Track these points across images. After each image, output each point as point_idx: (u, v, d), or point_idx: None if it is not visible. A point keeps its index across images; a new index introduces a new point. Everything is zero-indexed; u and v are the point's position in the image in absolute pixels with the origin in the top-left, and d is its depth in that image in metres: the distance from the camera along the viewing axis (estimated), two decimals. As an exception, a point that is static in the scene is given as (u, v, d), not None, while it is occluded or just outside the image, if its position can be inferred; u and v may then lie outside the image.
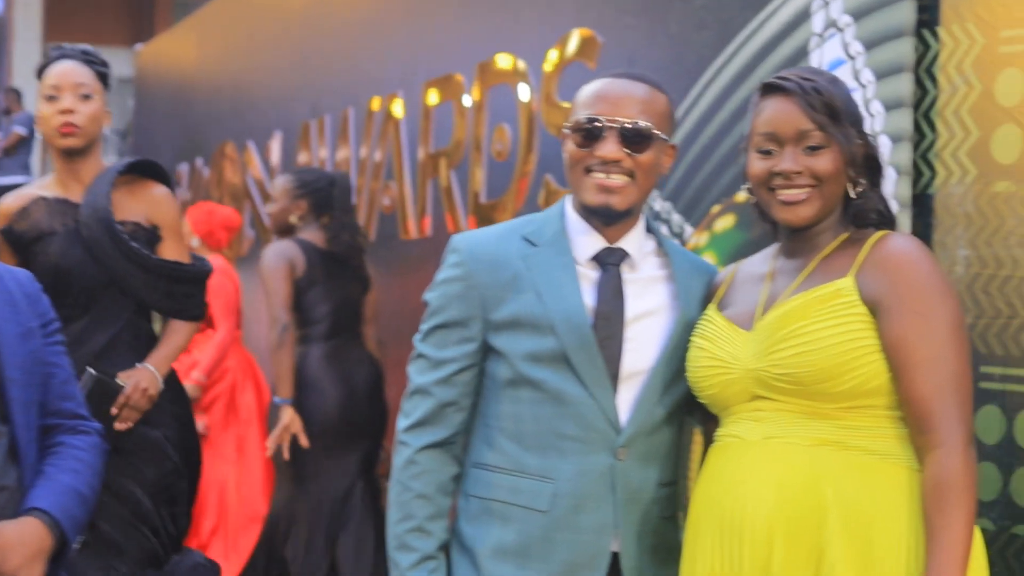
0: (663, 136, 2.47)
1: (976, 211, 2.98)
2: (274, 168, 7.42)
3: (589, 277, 2.48)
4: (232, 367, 6.17)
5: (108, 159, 3.92)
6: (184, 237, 3.85)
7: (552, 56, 4.66)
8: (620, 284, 2.48)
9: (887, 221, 2.41)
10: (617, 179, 2.43)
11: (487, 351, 2.48)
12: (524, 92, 4.86)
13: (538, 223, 2.54)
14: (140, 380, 3.57)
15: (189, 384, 5.90)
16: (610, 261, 2.49)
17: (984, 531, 2.87)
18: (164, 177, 3.82)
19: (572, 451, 2.40)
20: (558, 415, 2.41)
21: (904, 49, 3.13)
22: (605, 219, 2.48)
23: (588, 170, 2.45)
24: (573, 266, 2.47)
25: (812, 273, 2.35)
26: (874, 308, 2.24)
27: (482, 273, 2.46)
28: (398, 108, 5.94)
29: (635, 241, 2.52)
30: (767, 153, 2.36)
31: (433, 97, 5.60)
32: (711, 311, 2.46)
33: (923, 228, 3.10)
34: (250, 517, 6.13)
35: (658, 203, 4.02)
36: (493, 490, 2.45)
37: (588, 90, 2.51)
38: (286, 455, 5.04)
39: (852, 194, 2.37)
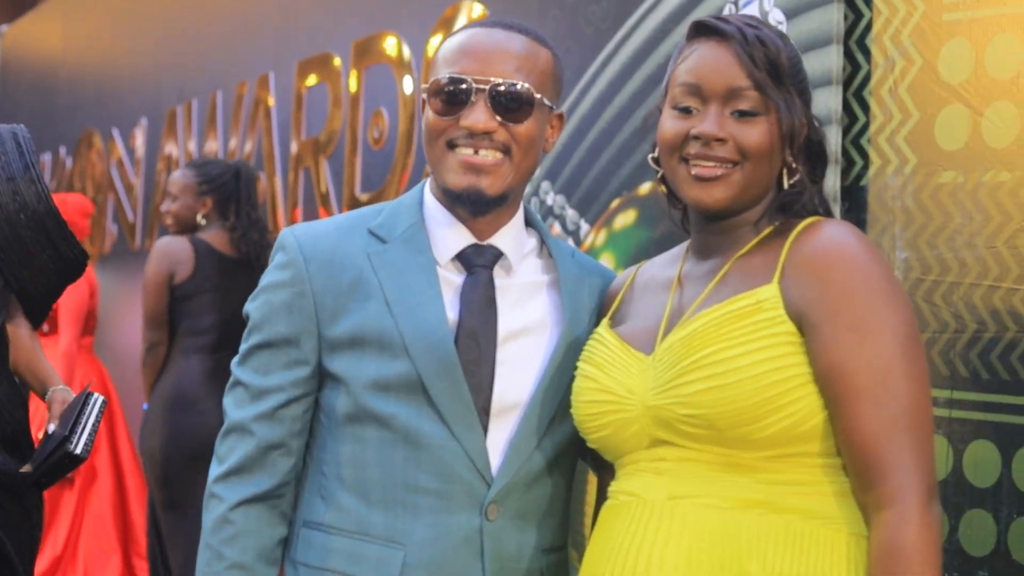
0: (547, 101, 1.97)
1: (917, 206, 2.55)
2: (138, 159, 6.85)
3: (452, 283, 1.96)
4: (78, 379, 5.60)
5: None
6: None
7: (435, 31, 4.18)
8: (492, 292, 1.96)
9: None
10: (488, 155, 1.92)
11: (323, 377, 1.95)
12: (404, 73, 4.37)
13: (389, 213, 2.01)
14: None
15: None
16: (479, 262, 1.97)
17: (928, 583, 2.45)
18: None
19: (428, 508, 1.89)
20: (411, 461, 1.89)
21: (831, 17, 2.69)
22: (473, 208, 1.96)
23: (451, 144, 1.93)
24: (433, 268, 1.95)
25: (726, 278, 1.84)
26: (801, 324, 1.73)
27: (316, 277, 1.94)
28: (268, 92, 5.41)
29: (511, 237, 2.00)
30: (685, 111, 1.85)
31: (306, 80, 5.08)
32: (602, 328, 1.95)
33: (855, 226, 2.65)
34: (105, 550, 5.59)
35: (550, 197, 3.54)
36: (328, 557, 1.92)
37: (451, 42, 1.98)
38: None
39: (785, 183, 1.87)
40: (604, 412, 1.84)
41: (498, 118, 1.91)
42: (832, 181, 2.66)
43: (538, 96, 1.94)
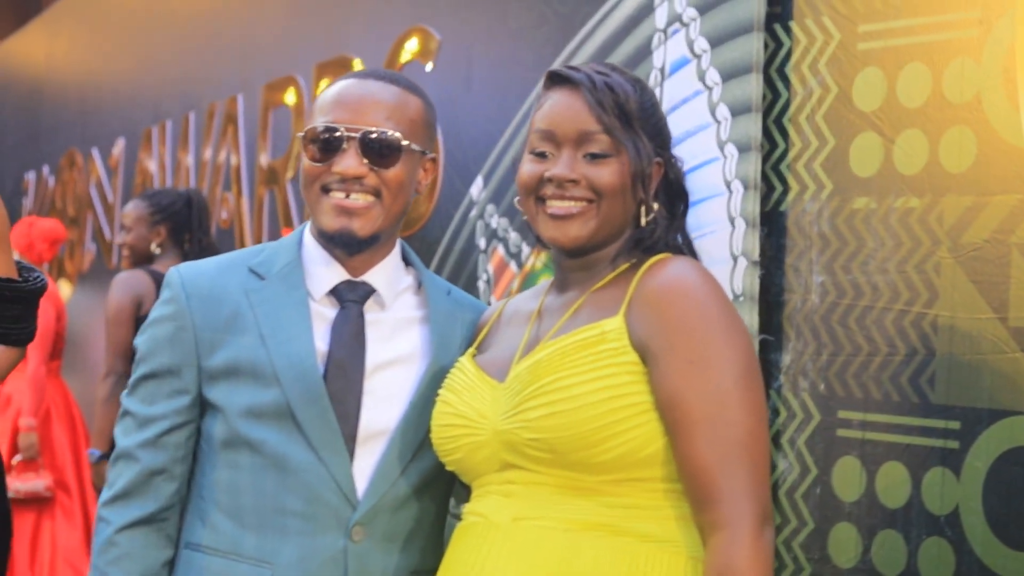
0: (416, 147, 2.06)
1: (832, 231, 2.60)
2: (116, 178, 6.92)
3: (325, 317, 2.06)
4: (46, 401, 5.66)
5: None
6: (7, 247, 3.20)
7: (390, 56, 4.24)
8: (361, 326, 2.05)
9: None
10: (359, 199, 2.02)
11: (203, 406, 2.05)
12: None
13: (269, 252, 2.11)
14: None
15: (23, 434, 5.45)
16: (351, 298, 2.07)
17: (842, 603, 2.49)
18: None
19: (296, 530, 1.98)
20: (280, 486, 1.98)
21: (752, 46, 2.74)
22: (346, 248, 2.06)
23: (325, 189, 2.04)
24: (306, 303, 2.05)
25: (580, 311, 1.91)
26: (644, 355, 1.80)
27: (197, 311, 2.03)
28: (236, 113, 5.47)
29: (385, 275, 2.10)
30: (541, 156, 1.93)
31: (272, 100, 5.14)
32: (465, 358, 2.03)
33: (774, 250, 2.70)
34: (76, 573, 5.64)
35: (495, 219, 3.60)
36: None
37: (327, 93, 2.09)
38: None
39: (643, 220, 1.93)
40: (457, 436, 1.91)
41: (368, 164, 2.01)
42: (752, 206, 2.71)
43: (406, 143, 2.03)
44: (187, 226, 4.78)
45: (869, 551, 2.48)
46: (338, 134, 2.01)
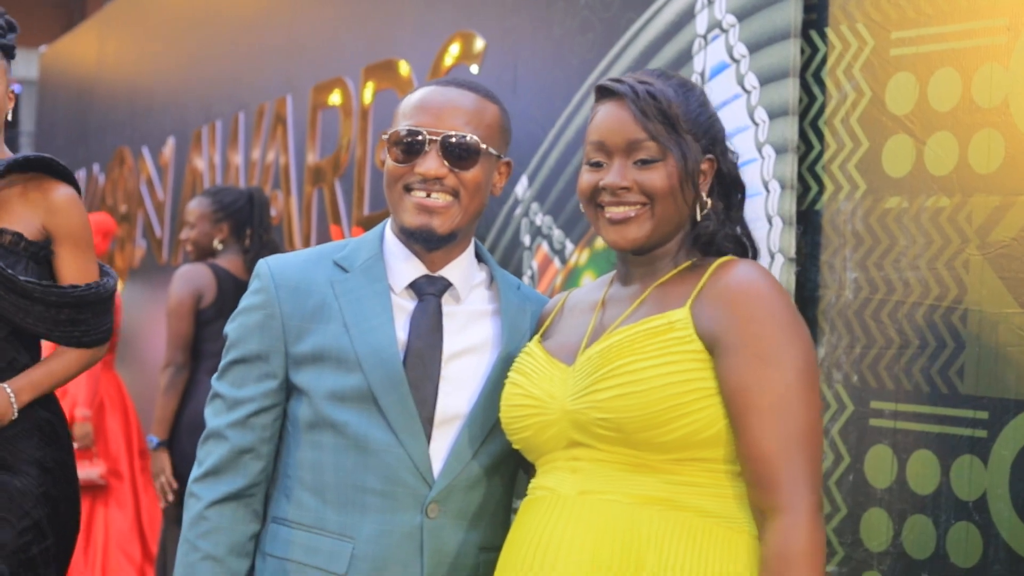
0: (493, 151, 2.20)
1: (865, 229, 2.71)
2: (167, 176, 7.09)
3: (405, 308, 2.20)
4: (100, 393, 5.83)
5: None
6: (89, 249, 3.23)
7: (436, 59, 4.37)
8: (439, 317, 2.19)
9: (744, 252, 2.10)
10: (439, 199, 2.16)
11: (289, 390, 2.19)
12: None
13: (352, 247, 2.26)
14: None
15: (78, 424, 5.60)
16: (430, 291, 2.20)
17: (873, 585, 2.60)
18: (68, 176, 3.23)
19: (375, 507, 2.11)
20: (361, 465, 2.12)
21: (789, 52, 2.85)
22: (425, 244, 2.20)
23: (408, 188, 2.18)
24: (387, 295, 2.19)
25: (645, 303, 2.05)
26: (712, 346, 1.93)
27: (285, 301, 2.17)
28: (285, 113, 5.62)
29: (461, 270, 2.24)
30: (597, 165, 2.07)
31: (320, 101, 5.29)
32: (532, 343, 2.16)
33: (810, 247, 2.82)
34: (128, 557, 5.80)
35: (539, 217, 3.72)
36: (290, 549, 2.15)
37: (411, 99, 2.22)
38: (164, 501, 4.85)
39: (698, 216, 2.07)
40: (527, 415, 2.04)
41: (448, 165, 2.14)
42: (789, 205, 2.82)
43: (484, 146, 2.17)
44: (248, 223, 4.91)
45: (900, 535, 2.59)
46: (420, 137, 2.14)
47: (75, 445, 5.73)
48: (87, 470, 5.79)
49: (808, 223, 2.83)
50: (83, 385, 5.66)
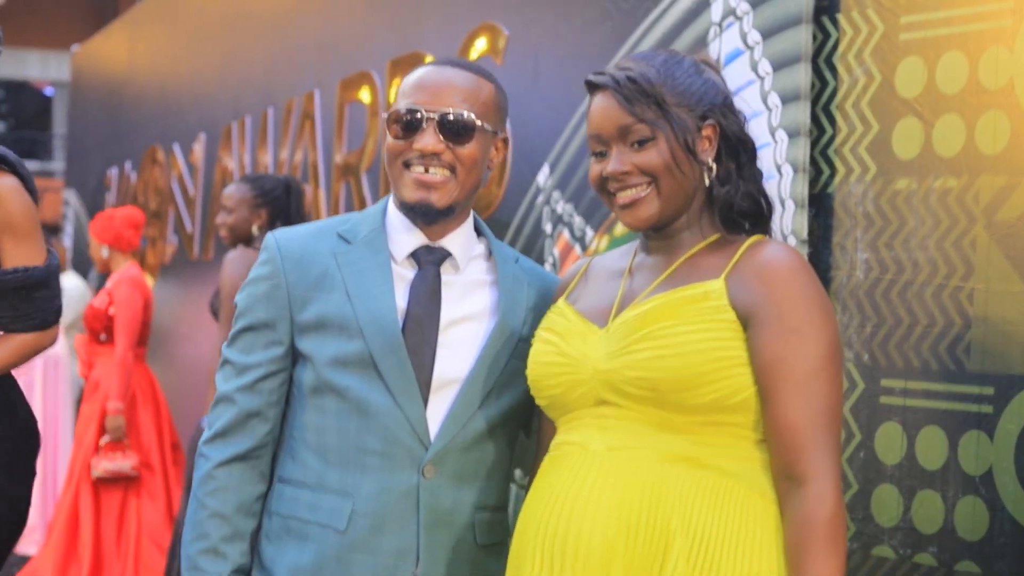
0: (488, 127, 2.29)
1: (876, 211, 2.76)
2: (197, 173, 7.19)
3: (405, 277, 2.30)
4: (132, 386, 5.93)
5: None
6: (30, 236, 3.22)
7: (461, 52, 4.44)
8: (438, 285, 2.29)
9: (760, 210, 2.18)
10: (437, 174, 2.26)
11: (295, 356, 2.29)
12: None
13: (355, 220, 2.37)
14: None
15: (110, 416, 5.68)
16: (428, 260, 2.31)
17: (884, 560, 2.66)
18: (14, 167, 3.24)
19: (375, 467, 2.22)
20: (362, 428, 2.22)
21: (801, 38, 2.91)
22: (424, 217, 2.30)
23: (407, 164, 2.28)
24: (388, 265, 2.29)
25: (676, 272, 2.13)
26: (746, 318, 2.02)
27: (290, 272, 2.28)
28: (313, 108, 5.70)
29: (459, 241, 2.34)
30: (600, 156, 2.16)
31: (347, 96, 5.37)
32: (561, 303, 2.25)
33: (822, 229, 2.87)
34: (160, 549, 5.91)
35: (560, 205, 3.79)
36: (294, 506, 2.26)
37: (409, 79, 2.33)
38: None
39: (707, 181, 2.14)
40: (559, 373, 2.12)
41: (445, 141, 2.23)
42: (801, 188, 2.88)
43: (480, 123, 2.25)
44: (285, 210, 4.95)
45: (909, 510, 2.64)
46: (418, 115, 2.24)
47: (107, 437, 5.87)
48: (119, 462, 5.90)
49: (820, 205, 2.88)
50: (115, 378, 5.76)
